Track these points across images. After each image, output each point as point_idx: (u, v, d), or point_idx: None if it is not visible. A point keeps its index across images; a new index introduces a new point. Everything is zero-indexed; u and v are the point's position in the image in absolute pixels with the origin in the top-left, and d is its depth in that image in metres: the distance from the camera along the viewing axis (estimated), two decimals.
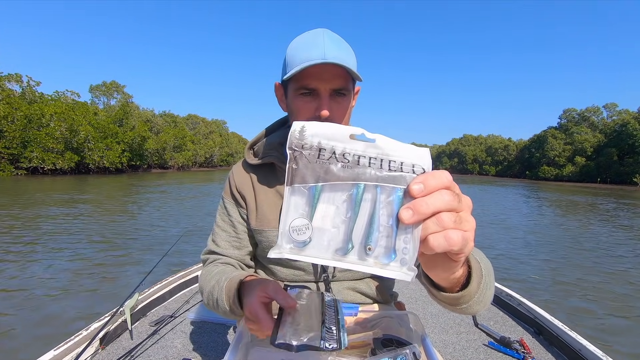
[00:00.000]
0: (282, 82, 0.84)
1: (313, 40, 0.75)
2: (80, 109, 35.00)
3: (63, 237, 6.36)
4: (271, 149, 0.92)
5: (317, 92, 0.75)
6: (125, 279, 4.28)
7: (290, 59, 0.76)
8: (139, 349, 1.62)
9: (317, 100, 0.76)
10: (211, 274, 0.83)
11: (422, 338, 0.70)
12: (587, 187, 41.49)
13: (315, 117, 0.76)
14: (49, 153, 29.66)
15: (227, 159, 79.55)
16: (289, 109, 0.85)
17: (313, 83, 0.74)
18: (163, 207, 11.25)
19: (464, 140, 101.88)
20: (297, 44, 0.77)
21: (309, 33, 0.78)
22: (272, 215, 0.90)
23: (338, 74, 0.74)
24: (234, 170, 0.97)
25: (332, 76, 0.74)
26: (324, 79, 0.74)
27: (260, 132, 0.98)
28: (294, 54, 0.75)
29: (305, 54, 0.73)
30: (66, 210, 9.56)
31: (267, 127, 0.99)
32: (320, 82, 0.74)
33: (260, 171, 0.94)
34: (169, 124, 57.63)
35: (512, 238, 7.84)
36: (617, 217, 12.37)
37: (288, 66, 0.76)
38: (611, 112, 61.42)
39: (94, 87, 48.21)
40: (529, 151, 72.63)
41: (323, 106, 0.75)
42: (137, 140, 41.32)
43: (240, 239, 0.94)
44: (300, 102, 0.77)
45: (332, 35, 0.77)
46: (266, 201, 0.91)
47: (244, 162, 0.97)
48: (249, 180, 0.93)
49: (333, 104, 0.76)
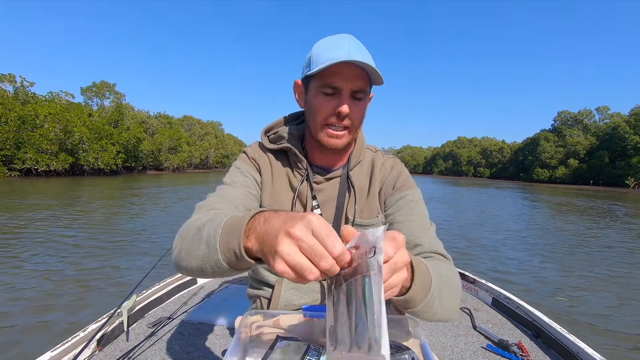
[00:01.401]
0: (302, 80, 0.88)
1: (339, 42, 0.79)
2: (74, 110, 34.70)
3: (60, 239, 6.35)
4: (290, 137, 0.95)
5: (339, 91, 0.79)
6: (123, 280, 4.31)
7: (316, 57, 0.80)
8: (136, 350, 1.62)
9: (337, 99, 0.80)
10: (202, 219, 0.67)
11: (421, 342, 0.70)
12: (580, 190, 41.77)
13: (335, 114, 0.81)
14: (42, 154, 29.38)
15: (222, 161, 79.08)
16: (307, 106, 0.88)
17: (337, 81, 0.78)
18: (161, 208, 11.23)
19: (459, 143, 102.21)
20: (323, 45, 0.81)
21: (335, 36, 0.82)
22: (283, 195, 0.94)
23: (360, 75, 0.78)
24: (250, 146, 1.00)
25: (355, 76, 0.78)
26: (347, 78, 0.77)
27: (278, 120, 1.01)
28: (320, 53, 0.79)
29: (331, 53, 0.76)
30: (62, 211, 9.52)
31: (285, 116, 1.03)
32: (343, 81, 0.77)
33: (275, 155, 0.97)
34: (164, 125, 57.23)
35: (509, 238, 7.94)
36: (613, 220, 12.55)
37: (313, 63, 0.80)
38: (603, 115, 62.04)
39: (85, 89, 47.75)
40: (522, 153, 73.08)
41: (343, 103, 0.79)
42: (132, 141, 41.04)
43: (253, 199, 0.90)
44: (322, 99, 0.81)
45: (357, 41, 0.81)
46: (278, 183, 0.95)
47: (260, 144, 1.00)
48: (266, 158, 0.97)
49: (351, 105, 0.80)
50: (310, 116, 0.86)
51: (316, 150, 0.93)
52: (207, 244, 0.57)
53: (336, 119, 0.82)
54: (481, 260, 5.99)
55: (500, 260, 6.03)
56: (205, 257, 0.58)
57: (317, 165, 0.95)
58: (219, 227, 0.56)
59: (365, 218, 0.94)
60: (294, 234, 0.41)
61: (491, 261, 5.93)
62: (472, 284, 2.44)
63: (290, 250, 0.41)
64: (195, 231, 0.62)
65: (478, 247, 7.00)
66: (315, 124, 0.85)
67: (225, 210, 0.79)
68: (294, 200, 0.92)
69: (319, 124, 0.84)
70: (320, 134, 0.85)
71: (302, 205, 0.94)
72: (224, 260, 0.55)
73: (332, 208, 0.94)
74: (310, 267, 0.41)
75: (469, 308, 2.18)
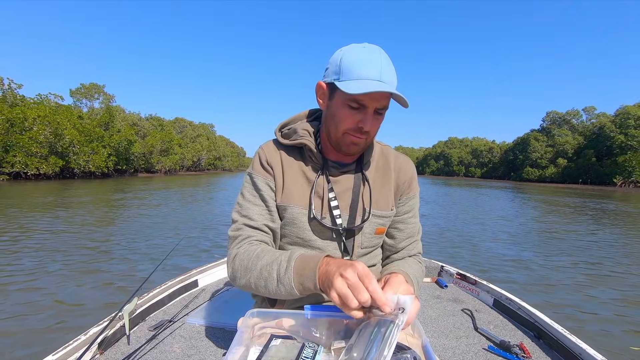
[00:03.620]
0: (328, 84, 0.89)
1: (370, 57, 0.81)
2: (64, 112, 34.15)
3: (58, 242, 6.29)
4: (305, 134, 0.97)
5: (364, 107, 0.83)
6: (124, 284, 4.31)
7: (346, 68, 0.81)
8: (137, 353, 1.60)
9: (362, 114, 0.84)
10: (254, 252, 0.86)
11: (424, 344, 0.71)
12: (569, 188, 42.35)
13: (357, 129, 0.85)
14: (32, 158, 28.83)
15: (214, 163, 78.57)
16: (330, 111, 0.90)
17: (365, 100, 0.81)
18: (159, 211, 11.12)
19: (450, 143, 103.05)
20: (354, 57, 0.82)
21: (366, 49, 0.83)
22: (297, 192, 0.96)
23: (386, 95, 0.82)
24: (263, 147, 1.02)
25: (382, 97, 0.82)
26: (375, 98, 0.81)
27: (294, 116, 1.05)
28: (352, 67, 0.81)
29: (364, 70, 0.80)
30: (57, 214, 9.42)
31: (301, 113, 1.05)
32: (371, 100, 0.81)
33: (289, 152, 1.00)
34: (156, 127, 56.66)
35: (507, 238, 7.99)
36: (601, 217, 12.77)
37: (343, 74, 0.82)
38: (590, 115, 63.22)
39: (74, 91, 46.98)
40: (512, 153, 74.01)
41: (367, 121, 0.83)
42: (124, 144, 40.49)
43: (271, 212, 0.96)
44: (347, 112, 0.84)
45: (386, 56, 0.84)
46: (293, 179, 0.97)
47: (275, 141, 1.03)
48: (278, 157, 0.99)
49: (373, 120, 0.85)
50: (332, 122, 0.90)
51: (331, 147, 0.97)
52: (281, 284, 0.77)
53: (357, 132, 0.86)
54: (482, 259, 6.09)
55: (497, 258, 6.07)
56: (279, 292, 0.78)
57: (331, 160, 0.99)
58: (290, 269, 0.76)
59: (382, 209, 1.00)
60: (344, 275, 0.63)
61: (489, 260, 6.00)
62: (473, 285, 2.43)
63: (341, 285, 0.62)
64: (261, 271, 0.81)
65: (476, 245, 7.12)
66: (337, 131, 0.89)
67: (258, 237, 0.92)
68: (311, 193, 0.96)
69: (340, 132, 0.88)
70: (340, 140, 0.90)
71: (319, 197, 0.96)
72: (299, 292, 0.75)
73: (349, 198, 0.97)
74: (352, 297, 0.61)
75: (470, 309, 2.18)
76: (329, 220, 0.96)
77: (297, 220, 0.96)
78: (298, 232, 0.96)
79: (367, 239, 1.00)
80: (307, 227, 0.96)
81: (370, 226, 0.99)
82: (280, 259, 0.79)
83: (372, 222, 0.99)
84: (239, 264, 0.87)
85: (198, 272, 2.51)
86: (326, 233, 0.97)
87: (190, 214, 10.87)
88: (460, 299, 2.34)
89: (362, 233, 0.98)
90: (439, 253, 6.34)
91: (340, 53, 0.85)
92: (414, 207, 1.06)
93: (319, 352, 0.67)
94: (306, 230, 0.96)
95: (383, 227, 1.01)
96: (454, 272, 2.56)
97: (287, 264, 0.77)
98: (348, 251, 0.97)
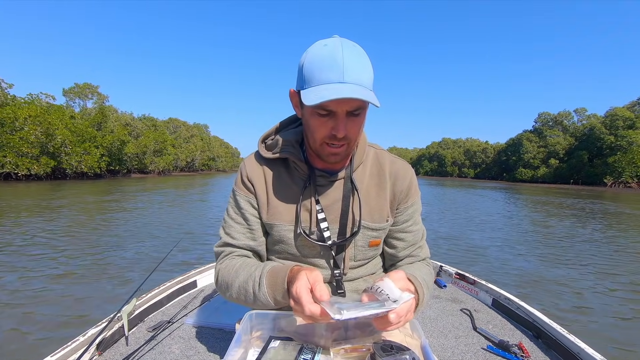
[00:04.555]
0: (297, 90, 0.83)
1: (331, 56, 0.72)
2: (55, 112, 33.70)
3: (56, 243, 6.21)
4: (287, 144, 0.92)
5: (333, 113, 0.76)
6: (122, 285, 4.28)
7: (308, 74, 0.75)
8: (136, 354, 1.60)
9: (333, 120, 0.77)
10: (234, 267, 0.88)
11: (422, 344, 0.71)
12: (561, 188, 42.81)
13: (331, 136, 0.78)
14: (23, 158, 28.42)
15: (208, 163, 78.17)
16: (304, 121, 0.85)
17: (330, 105, 0.74)
18: (158, 211, 11.04)
19: (444, 144, 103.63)
20: (314, 59, 0.75)
21: (327, 46, 0.74)
22: (283, 209, 0.91)
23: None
24: (245, 162, 0.97)
25: (349, 100, 0.73)
26: (343, 101, 0.73)
27: (273, 127, 0.98)
28: (312, 72, 0.74)
29: (324, 74, 0.72)
30: (53, 214, 9.29)
31: (281, 121, 0.99)
32: (337, 105, 0.73)
33: (273, 165, 0.94)
34: (149, 127, 56.20)
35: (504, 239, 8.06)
36: (594, 216, 12.94)
37: (305, 82, 0.75)
38: (581, 117, 64.09)
39: (67, 91, 46.37)
40: (505, 154, 74.71)
41: (339, 127, 0.76)
42: (116, 144, 40.12)
43: (253, 231, 0.94)
44: (317, 121, 0.78)
45: (351, 47, 0.74)
46: (278, 195, 0.92)
47: (257, 154, 0.97)
48: (261, 172, 0.94)
49: (348, 123, 0.77)
50: (308, 132, 0.85)
51: (316, 155, 0.91)
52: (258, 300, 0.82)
53: (332, 139, 0.79)
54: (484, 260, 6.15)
55: (497, 260, 6.11)
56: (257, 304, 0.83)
57: (318, 169, 0.92)
58: (262, 286, 0.81)
59: (376, 221, 0.94)
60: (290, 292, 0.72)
61: (488, 260, 6.06)
62: (472, 285, 2.44)
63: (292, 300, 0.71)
64: (239, 288, 0.85)
65: (474, 246, 7.18)
66: (314, 141, 0.83)
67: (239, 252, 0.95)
68: (298, 208, 0.90)
69: (317, 142, 0.82)
70: (319, 151, 0.85)
71: (307, 210, 0.91)
72: (277, 305, 0.81)
73: (338, 210, 0.91)
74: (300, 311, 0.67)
75: (469, 309, 2.18)
76: (317, 235, 0.91)
77: (285, 238, 0.93)
78: (287, 249, 0.94)
79: (360, 252, 0.95)
80: (295, 244, 0.93)
81: (363, 239, 0.93)
82: (254, 275, 0.83)
83: (365, 234, 0.93)
84: (221, 280, 0.91)
85: (197, 272, 2.50)
86: (315, 248, 0.93)
87: (190, 214, 10.82)
88: (459, 298, 2.35)
89: (355, 246, 0.93)
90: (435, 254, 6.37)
91: (304, 57, 0.78)
92: (413, 214, 0.99)
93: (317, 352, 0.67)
94: (295, 246, 0.93)
95: (377, 239, 0.95)
96: (453, 272, 2.56)
97: (260, 281, 0.81)
98: (338, 266, 0.93)
